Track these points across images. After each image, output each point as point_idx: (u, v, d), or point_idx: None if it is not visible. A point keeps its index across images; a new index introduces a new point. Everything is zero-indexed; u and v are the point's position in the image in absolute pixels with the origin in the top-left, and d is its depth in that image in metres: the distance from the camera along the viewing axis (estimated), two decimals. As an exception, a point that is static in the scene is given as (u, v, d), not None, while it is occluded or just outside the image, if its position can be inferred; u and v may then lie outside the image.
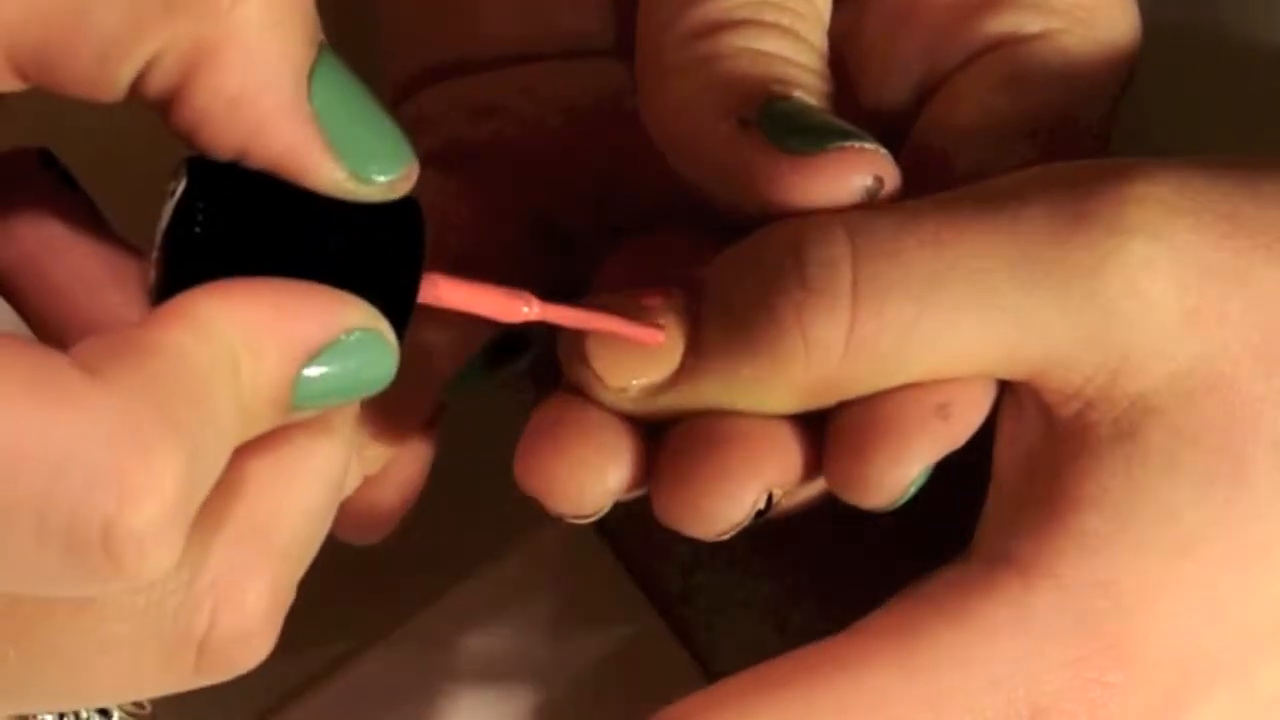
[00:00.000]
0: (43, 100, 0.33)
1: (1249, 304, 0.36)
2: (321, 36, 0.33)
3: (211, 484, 0.31)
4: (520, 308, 0.36)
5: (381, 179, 0.33)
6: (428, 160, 0.43)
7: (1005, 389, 0.37)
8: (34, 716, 0.35)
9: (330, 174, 0.33)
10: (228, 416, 0.31)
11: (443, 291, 0.35)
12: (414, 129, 0.44)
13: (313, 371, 0.32)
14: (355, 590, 0.46)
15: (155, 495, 0.29)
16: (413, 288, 0.34)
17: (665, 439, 0.38)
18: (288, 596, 0.34)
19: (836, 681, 0.36)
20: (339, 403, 0.33)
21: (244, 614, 0.32)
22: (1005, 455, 0.38)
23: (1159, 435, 0.36)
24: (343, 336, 0.32)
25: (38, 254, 0.33)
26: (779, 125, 0.37)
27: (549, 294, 0.39)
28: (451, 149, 0.44)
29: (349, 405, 0.34)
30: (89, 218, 0.34)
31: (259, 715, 0.46)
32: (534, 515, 0.39)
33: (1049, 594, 0.36)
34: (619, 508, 0.38)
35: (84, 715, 0.36)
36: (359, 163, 0.33)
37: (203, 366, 0.31)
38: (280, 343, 0.32)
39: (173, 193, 0.32)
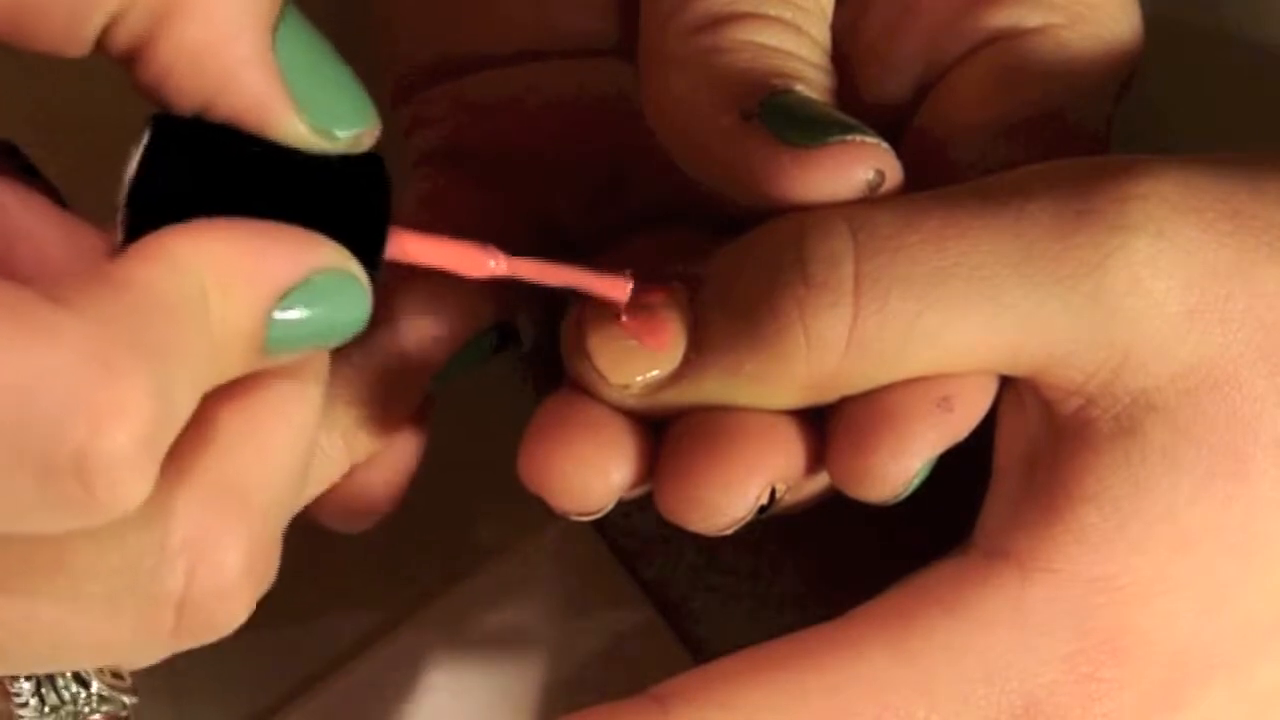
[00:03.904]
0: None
1: (1251, 302, 0.36)
2: None
3: (183, 420, 0.31)
4: (486, 262, 0.36)
5: (343, 134, 0.33)
6: (428, 160, 0.44)
7: (1006, 383, 0.38)
8: (10, 680, 0.35)
9: (293, 127, 0.33)
10: (198, 352, 0.31)
11: (409, 246, 0.35)
12: (414, 128, 0.45)
13: (285, 314, 0.32)
14: (354, 590, 0.46)
15: (125, 422, 0.29)
16: (380, 239, 0.34)
17: (668, 435, 0.38)
18: (266, 554, 0.34)
19: (829, 665, 0.36)
20: (314, 346, 0.33)
21: (221, 572, 0.32)
22: (1006, 449, 0.38)
23: (1160, 432, 0.36)
24: (314, 277, 0.32)
25: (3, 245, 0.33)
26: (780, 119, 0.37)
27: (551, 292, 0.39)
28: (451, 148, 0.44)
29: (320, 356, 0.34)
30: (54, 208, 0.34)
31: (259, 715, 0.46)
32: (535, 513, 0.39)
33: (1046, 588, 0.36)
34: (618, 504, 0.38)
35: (61, 683, 0.35)
36: (322, 117, 0.33)
37: (172, 300, 0.31)
38: (250, 280, 0.32)
39: (137, 148, 0.32)
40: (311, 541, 0.35)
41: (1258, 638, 0.37)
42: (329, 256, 0.33)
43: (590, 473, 0.38)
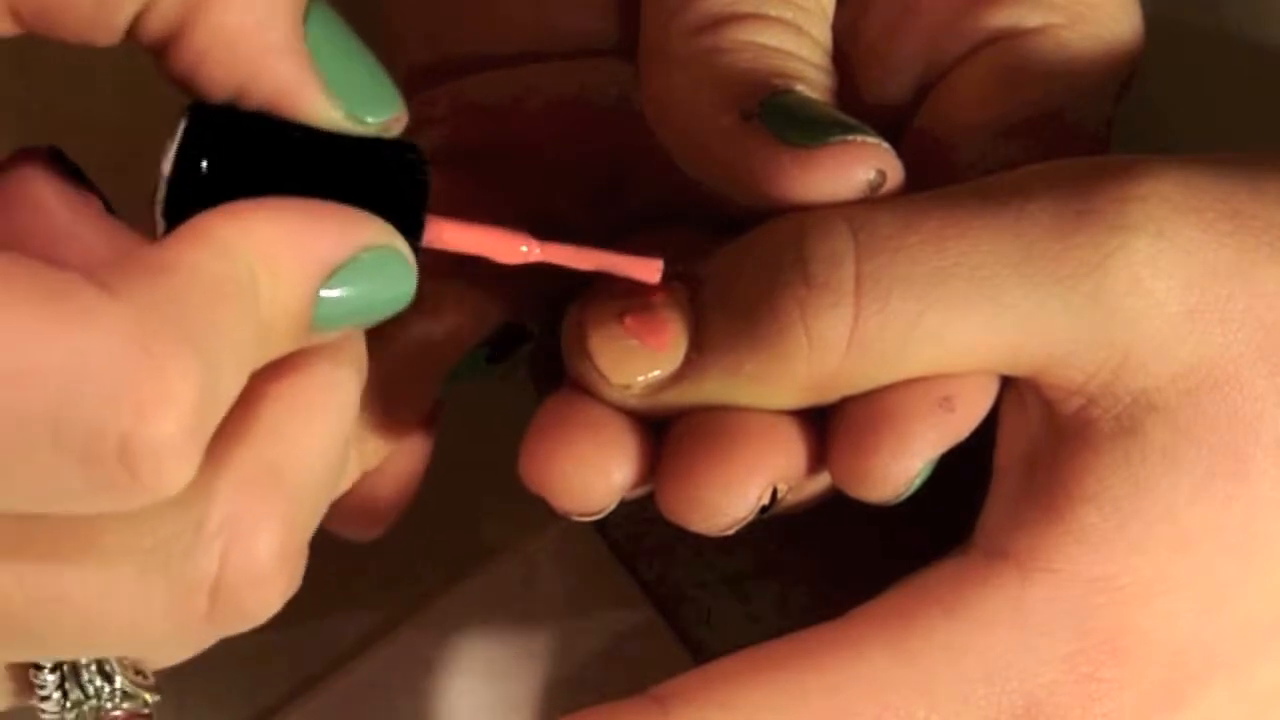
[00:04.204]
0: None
1: (1252, 302, 0.36)
2: None
3: (229, 403, 0.31)
4: (519, 247, 0.36)
5: (374, 119, 0.34)
6: (428, 159, 0.44)
7: (1007, 383, 0.38)
8: (35, 672, 0.35)
9: (326, 113, 0.33)
10: (245, 334, 0.31)
11: (445, 233, 0.35)
12: (415, 128, 0.44)
13: (332, 291, 0.32)
14: (355, 590, 0.47)
15: (171, 409, 0.29)
16: (418, 222, 0.34)
17: (669, 435, 0.38)
18: (300, 542, 0.33)
19: (829, 665, 0.36)
20: (360, 323, 0.34)
21: (255, 556, 0.32)
22: (1006, 449, 0.38)
23: (1160, 432, 0.36)
24: (361, 254, 0.33)
25: (48, 249, 0.33)
26: (781, 119, 0.37)
27: (551, 292, 0.39)
28: (453, 148, 0.44)
29: (358, 342, 0.35)
30: (99, 213, 0.34)
31: (259, 715, 0.46)
32: (536, 513, 0.39)
33: (1046, 588, 0.36)
34: (620, 504, 0.38)
35: (85, 676, 0.35)
36: (353, 103, 0.33)
37: (219, 283, 0.31)
38: (298, 259, 0.32)
39: (174, 137, 0.33)
40: (313, 542, 0.35)
41: (1258, 638, 0.37)
42: (376, 233, 0.33)
43: (591, 473, 0.38)
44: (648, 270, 0.37)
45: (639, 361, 0.38)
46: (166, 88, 0.34)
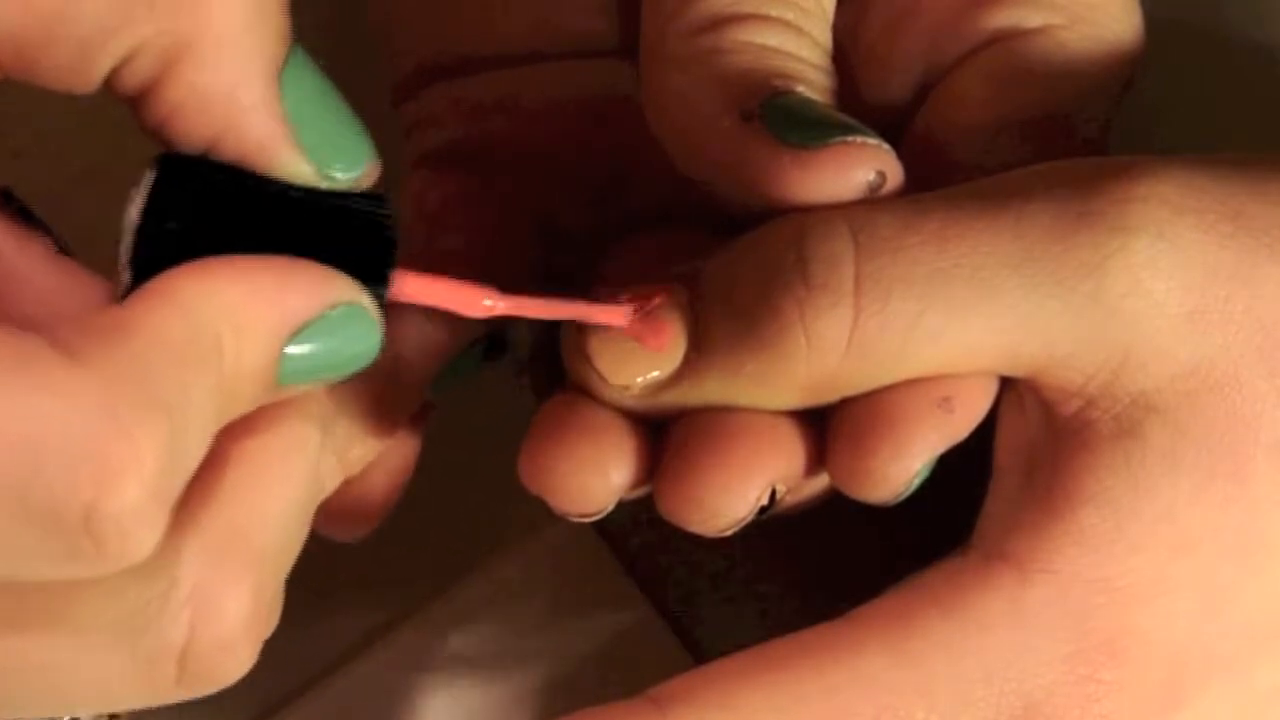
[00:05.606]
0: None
1: (1252, 304, 0.36)
2: (291, 35, 0.33)
3: (195, 464, 0.31)
4: (482, 300, 0.36)
5: (344, 175, 0.34)
6: (428, 160, 0.44)
7: (1006, 384, 0.38)
8: None
9: (298, 168, 0.33)
10: (209, 396, 0.31)
11: (409, 287, 0.35)
12: (415, 128, 0.45)
13: (297, 348, 0.32)
14: (354, 590, 0.46)
15: (135, 477, 0.29)
16: (384, 275, 0.34)
17: (669, 435, 0.38)
18: (270, 605, 0.34)
19: (828, 665, 0.36)
20: (325, 380, 0.34)
21: (223, 623, 0.32)
22: (1005, 450, 0.38)
23: (1160, 434, 0.36)
24: (327, 312, 0.33)
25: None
26: (781, 119, 0.37)
27: (551, 293, 0.39)
28: (453, 149, 0.44)
29: (318, 397, 0.35)
30: (52, 253, 0.34)
31: (259, 716, 0.46)
32: (534, 514, 0.39)
33: (1045, 589, 0.36)
34: (618, 505, 0.38)
35: None
36: (325, 158, 0.34)
37: (183, 345, 0.31)
38: (263, 318, 0.32)
39: (141, 188, 0.33)
40: (310, 543, 0.35)
41: (1257, 639, 0.37)
42: (342, 290, 0.33)
43: (590, 474, 0.38)
44: (616, 316, 0.37)
45: (638, 362, 0.38)
46: (119, 123, 0.34)
